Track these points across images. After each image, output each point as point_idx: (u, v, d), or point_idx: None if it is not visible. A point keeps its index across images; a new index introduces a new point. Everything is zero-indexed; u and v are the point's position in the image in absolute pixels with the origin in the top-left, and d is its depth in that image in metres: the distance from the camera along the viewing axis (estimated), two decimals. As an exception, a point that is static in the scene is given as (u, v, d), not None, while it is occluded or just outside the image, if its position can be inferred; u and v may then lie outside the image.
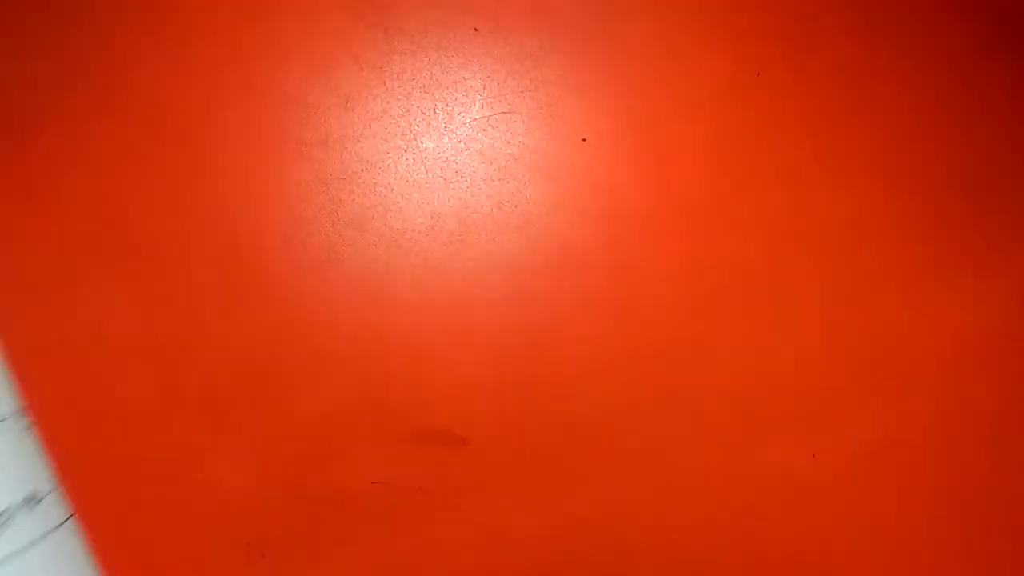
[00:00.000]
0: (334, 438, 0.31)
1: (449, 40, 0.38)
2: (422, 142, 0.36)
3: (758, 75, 0.39)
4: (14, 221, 0.33)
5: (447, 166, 0.36)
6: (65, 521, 0.25)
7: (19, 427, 0.25)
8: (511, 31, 0.38)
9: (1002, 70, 0.40)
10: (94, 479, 0.31)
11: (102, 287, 0.32)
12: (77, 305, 0.31)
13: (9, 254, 0.33)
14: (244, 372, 0.31)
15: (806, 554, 0.31)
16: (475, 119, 0.37)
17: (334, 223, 0.34)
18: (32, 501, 0.23)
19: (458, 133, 0.37)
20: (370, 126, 0.36)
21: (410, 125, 0.37)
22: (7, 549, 0.21)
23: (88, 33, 0.36)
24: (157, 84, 0.36)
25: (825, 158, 0.37)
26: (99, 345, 0.32)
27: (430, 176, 0.36)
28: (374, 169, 0.35)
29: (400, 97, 0.37)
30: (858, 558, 0.33)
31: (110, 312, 0.32)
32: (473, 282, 0.34)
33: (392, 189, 0.35)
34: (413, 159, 0.36)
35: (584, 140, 0.37)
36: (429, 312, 0.33)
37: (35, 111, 0.35)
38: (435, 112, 0.37)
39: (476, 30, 0.39)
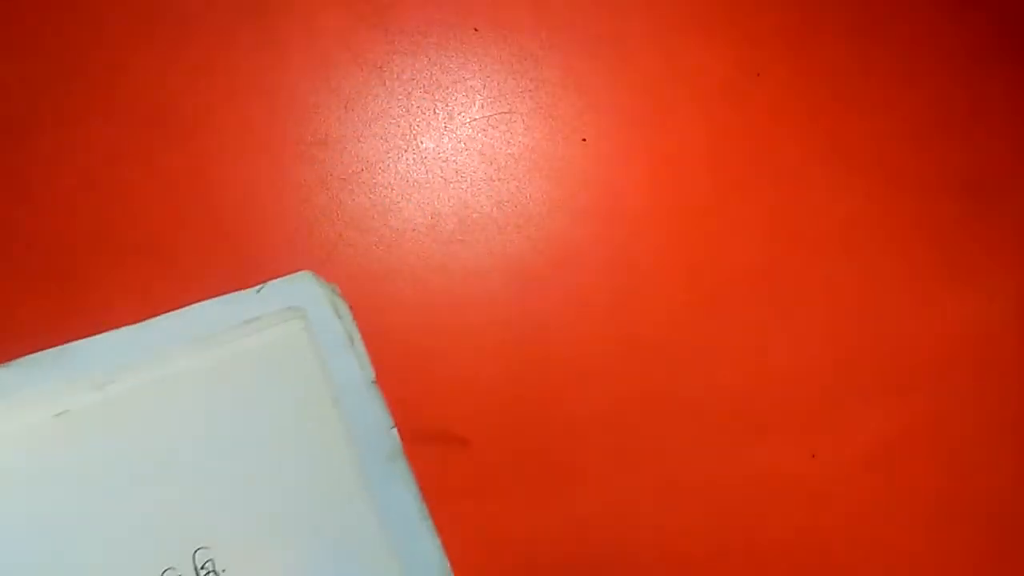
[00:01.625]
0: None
1: (449, 40, 0.38)
2: (422, 142, 0.36)
3: (758, 75, 0.39)
4: (14, 220, 0.33)
5: (447, 166, 0.36)
6: None
7: None
8: (511, 31, 0.39)
9: (1001, 70, 0.40)
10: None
11: (101, 286, 0.32)
12: (78, 304, 0.31)
13: (9, 253, 0.33)
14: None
15: (806, 554, 0.31)
16: (475, 119, 0.37)
17: (334, 223, 0.34)
18: None
19: (458, 133, 0.37)
20: (370, 126, 0.36)
21: (410, 125, 0.37)
22: None
23: (88, 33, 0.36)
24: (157, 84, 0.36)
25: (825, 158, 0.37)
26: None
27: (430, 176, 0.36)
28: (374, 169, 0.35)
29: (400, 97, 0.37)
30: (858, 558, 0.33)
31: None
32: (473, 282, 0.34)
33: (392, 189, 0.35)
34: (413, 159, 0.36)
35: (584, 140, 0.37)
36: (429, 312, 0.33)
37: (34, 111, 0.35)
38: (435, 112, 0.37)
39: (476, 30, 0.39)
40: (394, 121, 0.36)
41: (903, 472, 0.32)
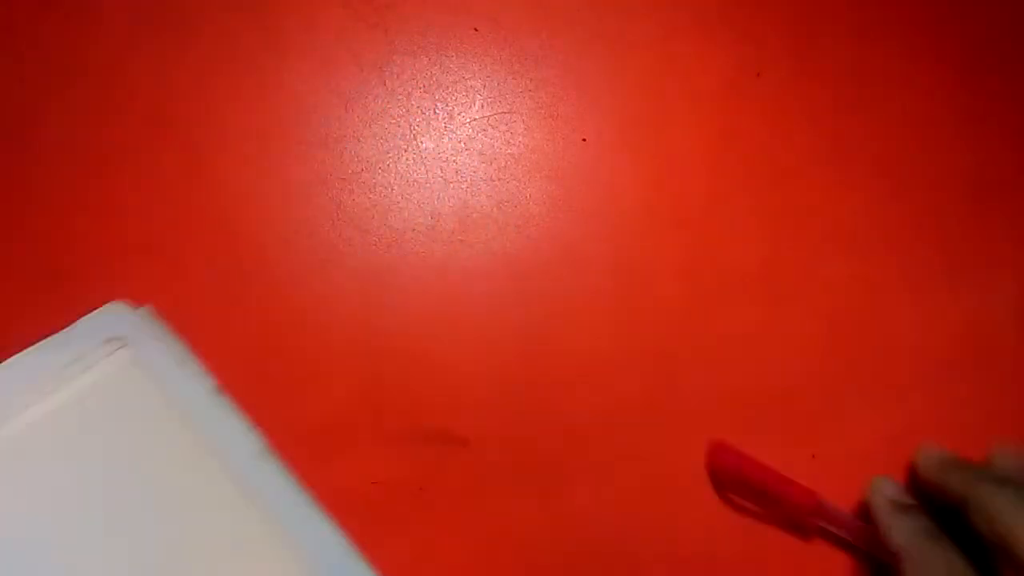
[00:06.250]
0: (334, 438, 0.31)
1: (449, 40, 0.38)
2: (422, 142, 0.36)
3: (758, 75, 0.39)
4: (14, 220, 0.33)
5: (447, 166, 0.36)
6: None
7: None
8: (511, 31, 0.39)
9: (1001, 70, 0.40)
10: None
11: (100, 286, 0.32)
12: (78, 304, 0.31)
13: (9, 253, 0.33)
14: (244, 372, 0.31)
15: (806, 553, 0.31)
16: (475, 119, 0.37)
17: (334, 223, 0.34)
18: None
19: (458, 133, 0.37)
20: (370, 126, 0.36)
21: (410, 125, 0.37)
22: None
23: (88, 33, 0.36)
24: (157, 84, 0.36)
25: (825, 158, 0.37)
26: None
27: (430, 176, 0.36)
28: (374, 169, 0.35)
29: (400, 97, 0.37)
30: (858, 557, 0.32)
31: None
32: (473, 282, 0.34)
33: (392, 189, 0.35)
34: (413, 159, 0.36)
35: (584, 140, 0.37)
36: (428, 312, 0.33)
37: (35, 111, 0.35)
38: (435, 112, 0.37)
39: (476, 30, 0.39)
40: (394, 121, 0.36)
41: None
